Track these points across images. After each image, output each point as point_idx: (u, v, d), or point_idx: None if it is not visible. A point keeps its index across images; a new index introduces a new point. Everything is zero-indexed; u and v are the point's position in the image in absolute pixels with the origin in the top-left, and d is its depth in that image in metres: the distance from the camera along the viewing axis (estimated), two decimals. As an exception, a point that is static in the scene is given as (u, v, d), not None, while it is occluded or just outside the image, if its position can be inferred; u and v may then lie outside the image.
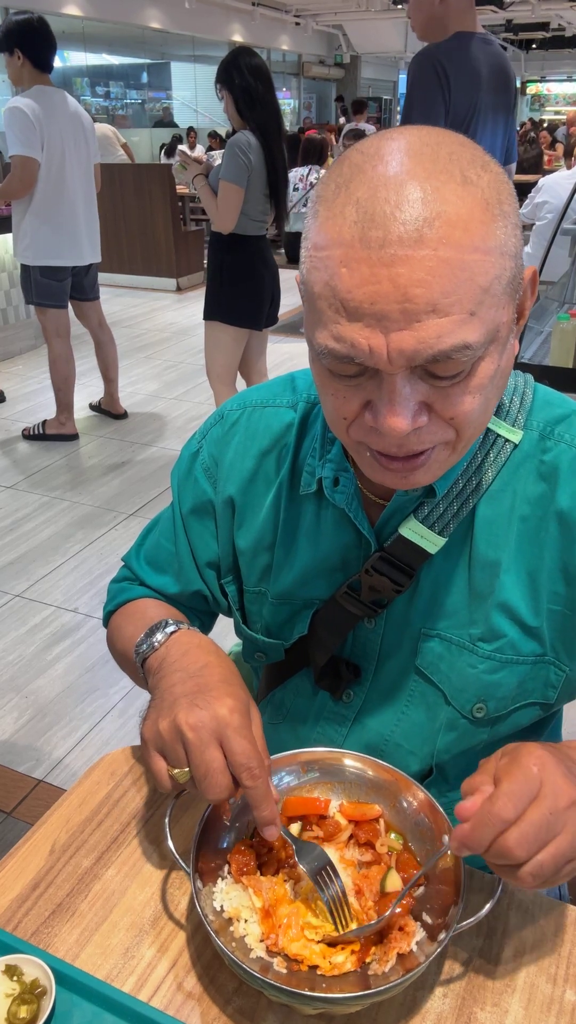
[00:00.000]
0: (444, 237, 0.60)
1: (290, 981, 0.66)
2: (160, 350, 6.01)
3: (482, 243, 0.62)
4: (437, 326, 0.61)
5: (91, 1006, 0.68)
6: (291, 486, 0.91)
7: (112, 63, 16.55)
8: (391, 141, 0.65)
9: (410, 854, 0.77)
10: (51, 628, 2.81)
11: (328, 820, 0.80)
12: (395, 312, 0.61)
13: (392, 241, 0.60)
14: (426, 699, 0.89)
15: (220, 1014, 0.69)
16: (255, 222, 3.36)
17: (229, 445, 0.94)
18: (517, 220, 0.67)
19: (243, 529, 0.94)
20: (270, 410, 0.93)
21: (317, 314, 0.66)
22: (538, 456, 0.82)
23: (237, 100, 3.14)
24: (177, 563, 1.00)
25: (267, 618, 0.96)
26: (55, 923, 0.76)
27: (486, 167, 0.65)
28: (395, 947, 0.69)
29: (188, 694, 0.74)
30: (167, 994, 0.71)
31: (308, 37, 17.75)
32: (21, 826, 1.99)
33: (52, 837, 0.85)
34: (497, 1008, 0.69)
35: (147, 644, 0.85)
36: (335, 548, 0.89)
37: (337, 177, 0.65)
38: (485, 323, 0.63)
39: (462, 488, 0.81)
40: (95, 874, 0.81)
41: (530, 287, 0.72)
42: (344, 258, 0.62)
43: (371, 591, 0.85)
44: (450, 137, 0.66)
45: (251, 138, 3.15)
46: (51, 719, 2.38)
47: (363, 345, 0.63)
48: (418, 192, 0.61)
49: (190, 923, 0.77)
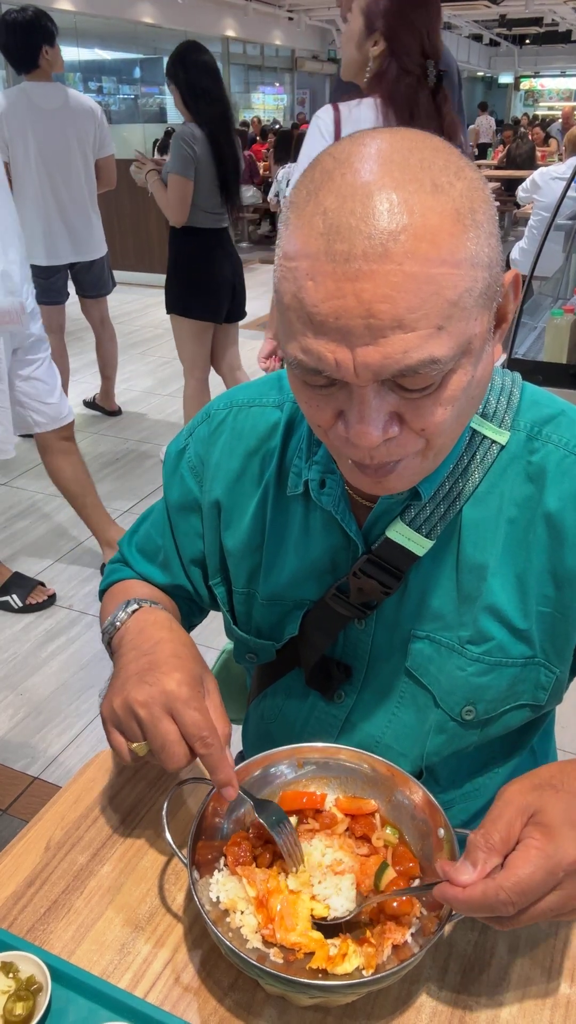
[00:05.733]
0: (410, 251, 0.59)
1: (287, 971, 0.66)
2: (154, 347, 6.00)
3: (451, 256, 0.60)
4: (403, 341, 0.60)
5: (87, 1002, 0.68)
6: (278, 487, 0.91)
7: (105, 58, 16.48)
8: (363, 146, 0.63)
9: (406, 848, 0.77)
10: (45, 625, 2.81)
11: (324, 814, 0.80)
12: (359, 328, 0.60)
13: (357, 255, 0.59)
14: (416, 701, 0.89)
15: (217, 1008, 0.69)
16: (210, 215, 3.39)
17: (215, 445, 0.94)
18: (493, 228, 0.65)
19: (230, 530, 0.94)
20: (256, 410, 0.93)
21: (287, 324, 0.65)
22: (525, 457, 0.81)
23: (183, 94, 3.22)
24: (164, 556, 1.01)
25: (257, 619, 0.96)
26: (51, 920, 0.76)
27: (460, 174, 0.63)
28: (390, 938, 0.69)
29: (139, 672, 0.76)
30: (164, 989, 0.71)
31: (301, 32, 17.71)
32: (16, 823, 1.99)
33: (47, 834, 0.85)
34: (492, 1000, 0.70)
35: (110, 624, 0.88)
36: (323, 550, 0.89)
37: (308, 183, 0.64)
38: (455, 337, 0.62)
39: (448, 490, 0.81)
40: (91, 870, 0.81)
41: (512, 291, 0.71)
42: (310, 271, 0.61)
43: (360, 593, 0.85)
44: (424, 141, 0.64)
45: (195, 130, 3.21)
46: (46, 716, 2.38)
47: (329, 359, 0.62)
48: (385, 204, 0.59)
49: (186, 918, 0.77)
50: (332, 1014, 0.69)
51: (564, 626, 0.83)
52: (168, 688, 0.73)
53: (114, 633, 0.87)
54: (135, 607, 0.88)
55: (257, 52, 19.78)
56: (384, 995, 0.70)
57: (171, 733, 0.71)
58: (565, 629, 0.83)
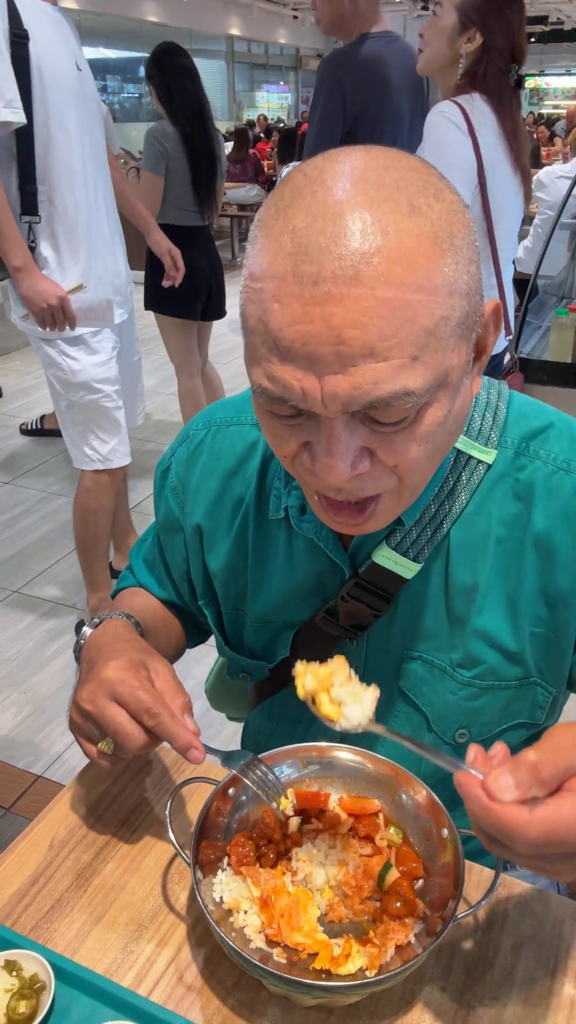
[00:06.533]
0: (383, 275, 0.55)
1: (290, 971, 0.66)
2: (157, 346, 5.96)
3: (427, 281, 0.56)
4: (374, 371, 0.57)
5: (91, 1001, 0.68)
6: (258, 509, 0.89)
7: (109, 57, 16.48)
8: (336, 164, 0.60)
9: (409, 848, 0.77)
10: (49, 624, 2.81)
11: (328, 814, 0.80)
12: (328, 355, 0.56)
13: (326, 277, 0.55)
14: (411, 722, 0.88)
15: (220, 1007, 0.69)
16: (184, 212, 3.43)
17: (195, 467, 0.92)
18: (472, 255, 0.61)
19: (213, 553, 0.93)
20: (235, 429, 0.91)
21: (252, 350, 0.62)
22: (513, 475, 0.79)
23: (158, 92, 3.29)
24: (160, 569, 1.02)
25: (248, 640, 0.95)
26: (54, 918, 0.76)
27: (439, 196, 0.60)
28: (393, 939, 0.69)
29: (82, 678, 0.78)
30: (167, 988, 0.71)
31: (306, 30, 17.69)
32: (20, 821, 1.99)
33: (51, 832, 0.85)
34: (496, 1001, 0.70)
35: (78, 641, 0.89)
36: (309, 574, 0.87)
37: (278, 201, 0.61)
38: (430, 368, 0.58)
39: (434, 514, 0.79)
40: (94, 869, 0.81)
41: (492, 321, 0.67)
42: (277, 293, 0.57)
43: (349, 616, 0.84)
44: (401, 160, 0.61)
45: (167, 127, 3.27)
46: (49, 715, 2.38)
47: (296, 388, 0.59)
48: (357, 223, 0.56)
49: (190, 917, 0.77)
50: (335, 1014, 0.69)
51: (558, 646, 0.81)
52: (104, 676, 0.74)
53: (81, 648, 0.87)
54: (98, 621, 0.88)
55: (262, 50, 19.77)
56: (388, 995, 0.70)
57: (118, 715, 0.72)
58: (559, 649, 0.81)
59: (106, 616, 0.89)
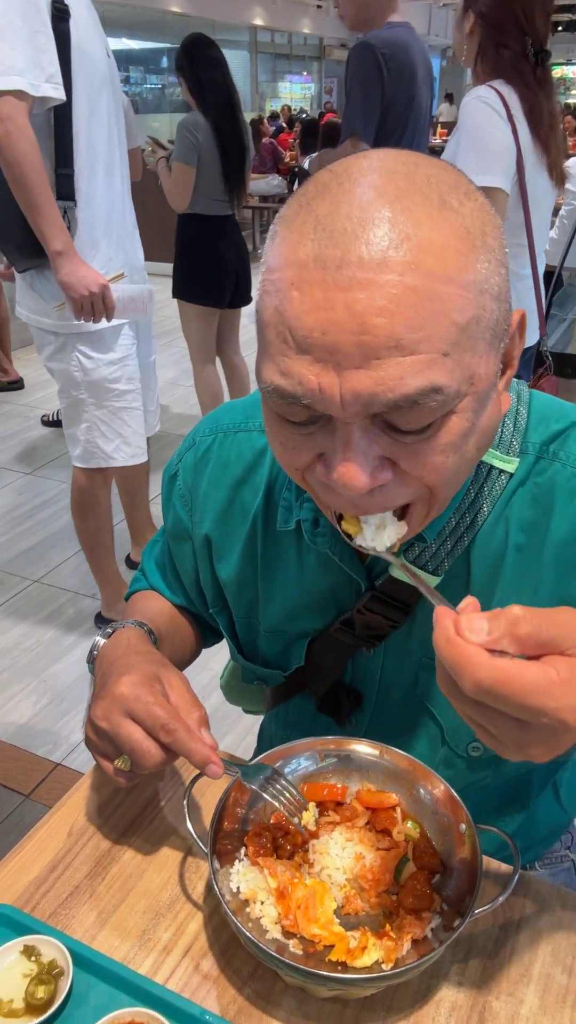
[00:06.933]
0: (413, 262, 0.52)
1: (306, 963, 0.66)
2: (177, 337, 5.98)
3: (458, 275, 0.53)
4: (399, 366, 0.52)
5: (108, 987, 0.69)
6: (267, 520, 0.86)
7: (132, 48, 16.47)
8: (364, 160, 0.58)
9: (427, 842, 0.76)
10: (69, 614, 2.83)
11: (345, 807, 0.80)
12: (349, 345, 0.52)
13: (351, 262, 0.52)
14: (427, 732, 0.87)
15: (236, 996, 0.70)
16: (214, 202, 3.47)
17: (203, 475, 0.90)
18: (503, 257, 0.58)
19: (223, 563, 0.91)
20: (242, 435, 0.88)
21: (265, 345, 0.58)
22: (532, 479, 0.76)
23: (189, 84, 3.31)
24: (171, 575, 1.01)
25: (263, 649, 0.94)
26: (72, 905, 0.77)
27: (470, 195, 0.57)
28: (409, 933, 0.69)
29: (96, 694, 0.76)
30: (183, 977, 0.71)
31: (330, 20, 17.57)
32: (39, 808, 2.01)
33: (70, 820, 0.86)
34: (512, 998, 0.69)
35: (91, 650, 0.87)
36: (323, 586, 0.85)
37: (301, 197, 0.58)
38: (460, 367, 0.54)
39: (455, 526, 0.76)
40: (112, 857, 0.82)
41: (518, 332, 0.64)
42: (297, 280, 0.54)
43: (366, 627, 0.82)
44: (430, 160, 0.59)
45: (199, 118, 3.29)
46: (68, 704, 2.40)
47: (312, 383, 0.54)
48: (386, 211, 0.53)
49: (207, 907, 0.77)
50: (351, 1006, 0.69)
51: None
52: (118, 692, 0.73)
53: (94, 659, 0.86)
54: (110, 631, 0.87)
55: (285, 40, 19.65)
56: (403, 989, 0.70)
57: (134, 733, 0.71)
58: None
59: (119, 625, 0.87)
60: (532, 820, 0.95)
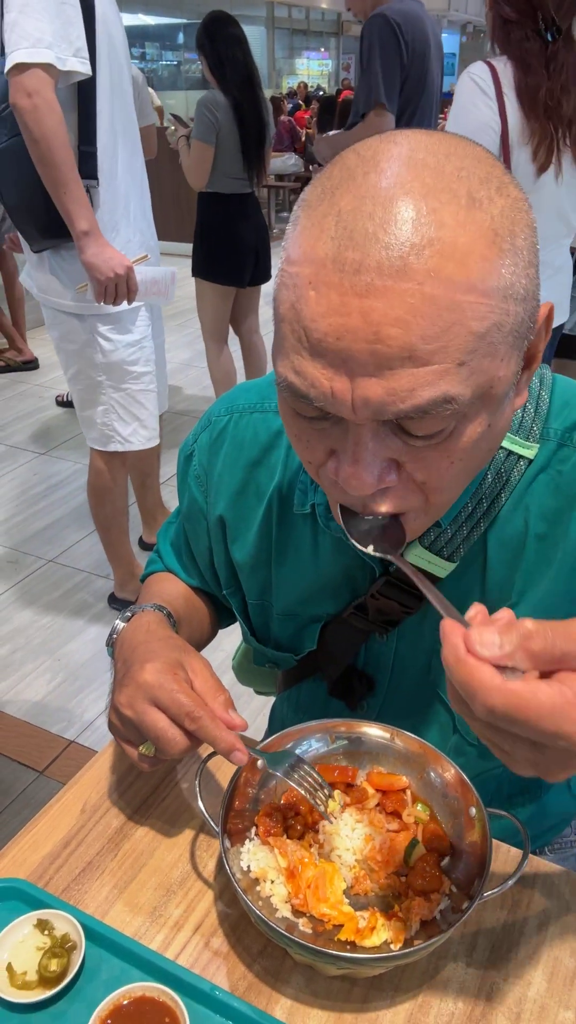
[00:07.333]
0: (434, 269, 0.50)
1: (316, 941, 0.67)
2: (191, 318, 5.97)
3: (481, 282, 0.52)
4: (412, 377, 0.52)
5: (119, 962, 0.70)
6: (282, 502, 0.86)
7: (148, 23, 16.28)
8: (393, 145, 0.55)
9: (437, 825, 0.77)
10: (83, 594, 2.85)
11: (355, 788, 0.80)
12: (363, 353, 0.52)
13: (370, 267, 0.51)
14: (439, 719, 0.86)
15: (246, 973, 0.70)
16: (234, 180, 3.45)
17: (218, 456, 0.89)
18: (533, 258, 0.56)
19: (237, 544, 0.91)
20: (258, 416, 0.87)
21: (280, 338, 0.57)
22: (555, 467, 0.75)
23: (209, 62, 3.29)
24: (186, 556, 1.01)
25: (275, 632, 0.94)
26: (85, 881, 0.78)
27: (503, 190, 0.55)
28: (418, 914, 0.69)
29: (120, 680, 0.77)
30: (193, 953, 0.72)
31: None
32: (53, 785, 2.04)
33: (83, 797, 0.87)
34: (520, 980, 0.70)
35: (111, 633, 0.87)
36: (337, 570, 0.85)
37: (326, 181, 0.56)
38: (476, 376, 0.54)
39: (472, 512, 0.75)
40: (125, 834, 0.83)
41: (544, 327, 0.62)
42: (314, 279, 0.53)
43: (379, 612, 0.82)
44: (464, 148, 0.56)
45: (219, 96, 3.27)
46: (82, 682, 2.42)
47: (325, 387, 0.54)
48: (410, 211, 0.51)
49: (217, 884, 0.78)
50: (359, 985, 0.70)
51: None
52: (143, 680, 0.73)
53: (114, 643, 0.86)
54: (130, 614, 0.87)
55: (302, 16, 19.35)
56: (411, 969, 0.71)
57: (159, 721, 0.71)
58: None
59: (138, 608, 0.87)
60: (543, 809, 0.95)
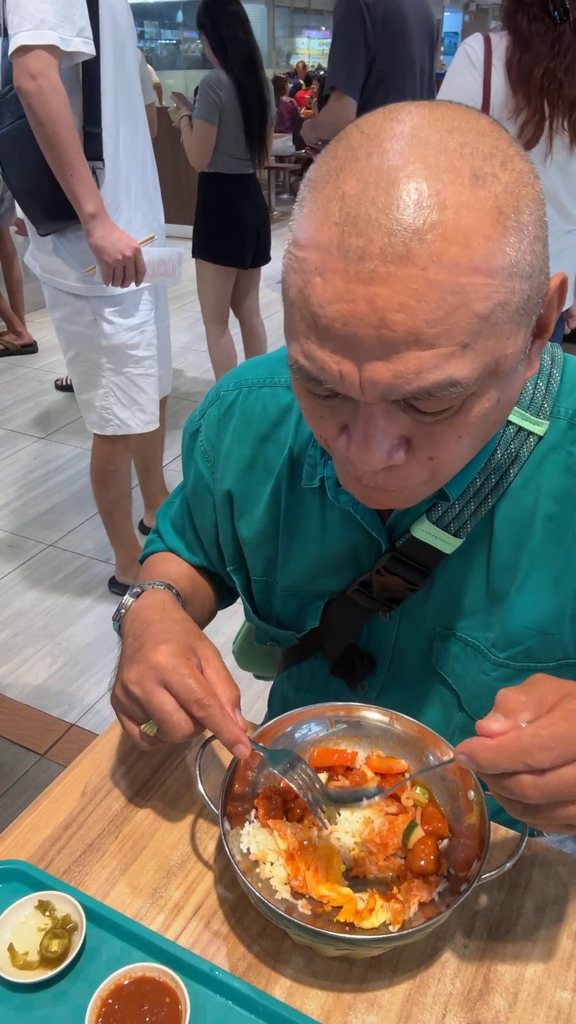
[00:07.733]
0: (437, 254, 0.51)
1: (315, 923, 0.68)
2: (191, 301, 5.93)
3: (484, 263, 0.52)
4: (417, 359, 0.53)
5: (120, 943, 0.71)
6: (291, 477, 0.86)
7: (147, 1, 16.08)
8: (397, 122, 0.55)
9: (435, 808, 0.77)
10: (83, 578, 2.86)
11: (354, 772, 0.80)
12: (369, 338, 0.53)
13: (374, 254, 0.51)
14: (442, 699, 0.87)
15: (246, 954, 0.71)
16: (236, 160, 3.43)
17: (226, 430, 0.89)
18: (539, 232, 0.56)
19: (244, 519, 0.91)
20: (267, 391, 0.87)
21: (291, 323, 0.59)
22: (566, 447, 0.75)
23: (211, 42, 3.26)
24: (189, 534, 1.01)
25: (277, 609, 0.94)
26: (86, 863, 0.79)
27: (507, 164, 0.55)
28: (417, 896, 0.70)
29: (130, 656, 0.76)
30: (194, 934, 0.73)
31: (349, -28, 16.99)
32: (54, 768, 2.05)
33: (84, 779, 0.87)
34: (517, 961, 0.70)
35: (118, 609, 0.87)
36: (343, 544, 0.85)
37: (331, 160, 0.56)
38: (481, 356, 0.55)
39: (480, 487, 0.75)
40: (125, 816, 0.83)
41: (557, 298, 0.62)
42: (320, 265, 0.54)
43: (384, 589, 0.82)
44: (469, 122, 0.55)
45: (222, 76, 3.25)
46: (83, 666, 2.43)
47: (333, 370, 0.56)
48: (413, 195, 0.51)
49: (217, 866, 0.78)
50: (358, 966, 0.70)
51: None
52: (155, 661, 0.73)
53: (121, 619, 0.86)
54: (139, 590, 0.87)
55: (304, -6, 19.11)
56: (409, 950, 0.71)
57: (167, 703, 0.71)
58: None
59: (147, 585, 0.87)
60: None
